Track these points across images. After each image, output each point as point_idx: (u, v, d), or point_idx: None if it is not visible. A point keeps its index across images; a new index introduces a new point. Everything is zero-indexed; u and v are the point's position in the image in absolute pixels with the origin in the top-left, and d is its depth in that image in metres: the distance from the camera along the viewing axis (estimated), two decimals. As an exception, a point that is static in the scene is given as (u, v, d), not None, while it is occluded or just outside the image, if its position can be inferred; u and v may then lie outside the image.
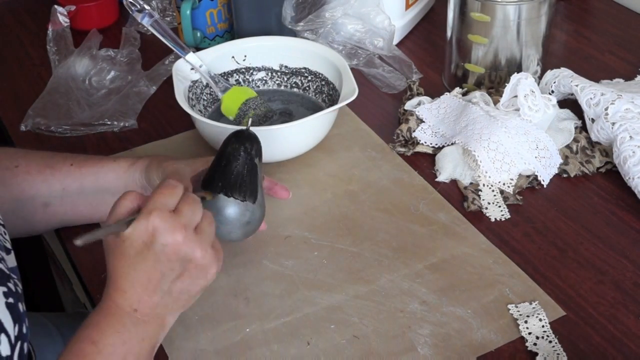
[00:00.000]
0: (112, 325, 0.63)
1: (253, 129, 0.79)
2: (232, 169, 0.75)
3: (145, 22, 0.98)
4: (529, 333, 0.77)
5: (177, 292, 0.65)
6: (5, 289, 0.61)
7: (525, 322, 0.78)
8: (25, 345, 0.64)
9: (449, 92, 1.07)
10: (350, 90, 0.95)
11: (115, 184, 0.84)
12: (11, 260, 0.69)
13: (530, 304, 0.80)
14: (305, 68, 1.07)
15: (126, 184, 0.83)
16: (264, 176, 0.84)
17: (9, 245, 0.70)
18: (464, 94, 1.07)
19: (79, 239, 0.62)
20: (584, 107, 0.99)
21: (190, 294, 0.67)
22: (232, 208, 0.75)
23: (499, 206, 0.92)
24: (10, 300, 0.61)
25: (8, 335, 0.60)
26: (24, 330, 0.65)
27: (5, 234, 0.71)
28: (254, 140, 0.78)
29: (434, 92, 1.09)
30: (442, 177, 0.96)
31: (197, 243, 0.64)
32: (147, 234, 0.63)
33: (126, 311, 0.64)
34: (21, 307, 0.65)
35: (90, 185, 0.84)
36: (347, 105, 0.98)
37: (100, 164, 0.84)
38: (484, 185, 0.94)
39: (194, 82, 1.03)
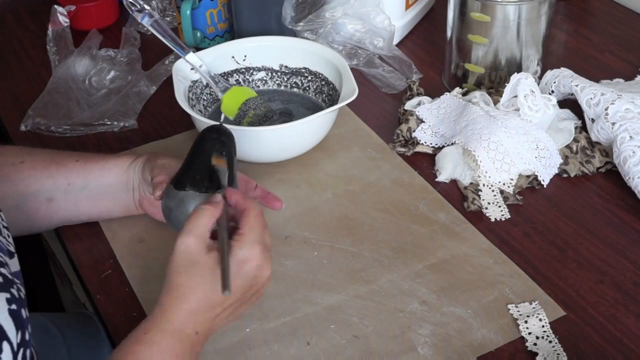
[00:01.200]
0: (173, 347, 0.65)
1: (232, 127, 0.82)
2: (194, 162, 0.78)
3: (145, 22, 0.98)
4: (529, 333, 0.77)
5: (234, 316, 0.70)
6: (8, 295, 0.61)
7: (525, 322, 0.78)
8: (28, 351, 0.64)
9: (449, 92, 1.07)
10: (350, 90, 0.95)
11: (118, 180, 0.86)
12: (14, 265, 0.69)
13: (530, 304, 0.80)
14: (305, 68, 1.07)
15: (127, 181, 0.86)
16: (239, 175, 0.84)
17: (12, 249, 0.70)
18: (464, 94, 1.07)
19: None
20: (584, 107, 0.99)
21: (242, 315, 0.71)
22: (194, 201, 0.76)
23: (499, 206, 0.92)
24: (14, 306, 0.61)
25: (10, 343, 0.60)
26: (27, 336, 0.65)
27: (9, 236, 0.71)
28: (222, 134, 0.80)
29: (434, 92, 1.09)
30: (442, 177, 0.96)
31: (270, 269, 0.69)
32: (257, 257, 0.68)
33: (190, 333, 0.65)
34: (24, 313, 0.65)
35: (94, 182, 0.85)
36: (347, 105, 0.98)
37: (105, 160, 0.86)
38: (484, 185, 0.94)
39: (194, 82, 1.03)
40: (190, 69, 1.01)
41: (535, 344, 0.76)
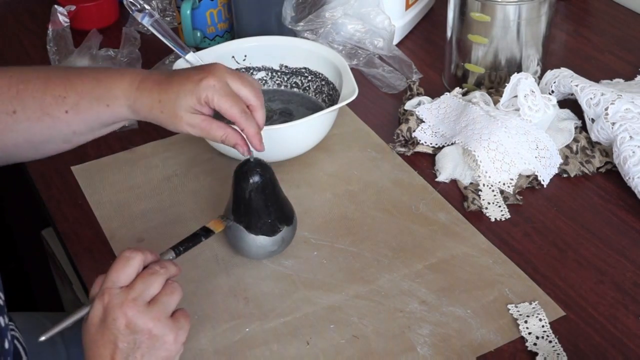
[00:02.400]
0: None
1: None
2: (245, 207, 0.81)
3: (146, 22, 0.98)
4: (529, 333, 0.77)
5: None
6: None
7: (525, 322, 0.78)
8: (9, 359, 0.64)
9: (449, 92, 1.07)
10: (350, 90, 0.95)
11: (129, 115, 0.79)
12: None
13: (530, 304, 0.80)
14: (305, 68, 1.07)
15: (139, 116, 0.79)
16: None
17: None
18: (464, 94, 1.07)
19: (44, 335, 0.66)
20: (584, 107, 0.99)
21: (161, 359, 0.67)
22: (260, 239, 0.82)
23: (499, 206, 0.92)
24: None
25: None
26: (6, 345, 0.65)
27: None
28: (261, 169, 0.81)
29: (434, 92, 1.09)
30: (442, 177, 0.96)
31: (147, 314, 0.65)
32: (100, 312, 0.66)
33: None
34: (2, 321, 0.65)
35: (98, 124, 0.80)
36: (347, 105, 0.98)
37: (96, 107, 0.78)
38: (484, 185, 0.94)
39: (194, 82, 1.03)
40: (190, 69, 1.01)
41: (535, 344, 0.76)
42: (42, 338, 0.66)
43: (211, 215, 0.92)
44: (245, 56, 1.08)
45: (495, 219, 0.91)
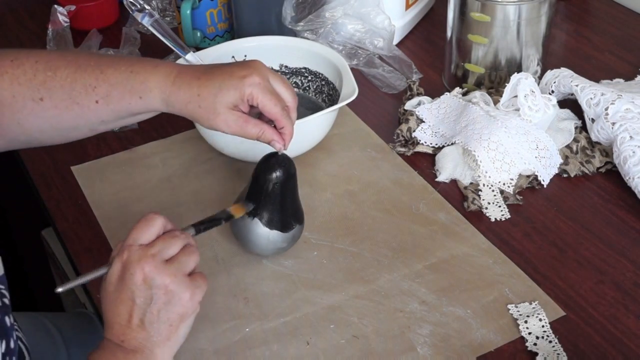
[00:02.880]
0: (107, 358, 0.66)
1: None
2: (266, 199, 0.81)
3: (145, 22, 0.98)
4: (529, 333, 0.77)
5: (155, 321, 0.66)
6: None
7: (525, 322, 0.78)
8: (14, 359, 0.64)
9: (449, 92, 1.07)
10: (350, 90, 0.95)
11: (159, 109, 0.78)
12: None
13: (530, 304, 0.80)
14: (305, 68, 1.07)
15: (173, 109, 0.78)
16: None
17: None
18: (464, 94, 1.07)
19: (60, 287, 0.67)
20: (584, 107, 0.99)
21: (170, 323, 0.67)
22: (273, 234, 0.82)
23: (499, 206, 0.92)
24: None
25: None
26: (12, 344, 0.65)
27: None
28: (288, 164, 0.81)
29: (434, 92, 1.09)
30: (442, 177, 0.96)
31: (164, 270, 0.66)
32: (119, 269, 0.67)
33: (116, 343, 0.66)
34: (8, 320, 0.65)
35: (127, 114, 0.79)
36: (347, 105, 0.98)
37: (128, 98, 0.76)
38: (484, 185, 0.94)
39: (194, 82, 1.03)
40: (190, 68, 1.01)
41: (535, 344, 0.76)
42: (59, 289, 0.67)
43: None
44: (245, 56, 1.08)
45: (495, 219, 0.91)
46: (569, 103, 1.04)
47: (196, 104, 0.75)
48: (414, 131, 1.02)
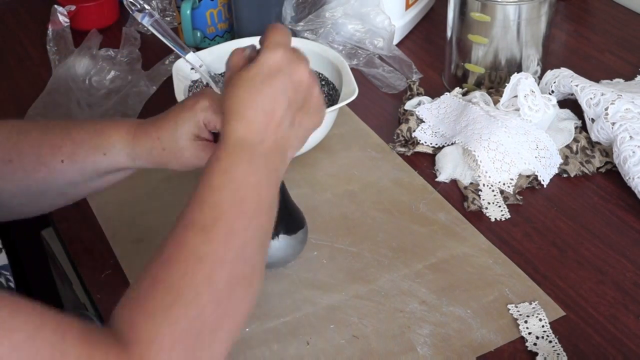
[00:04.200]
0: (242, 157, 0.63)
1: None
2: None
3: (145, 22, 0.98)
4: (529, 333, 0.77)
5: (298, 124, 0.65)
6: None
7: (525, 322, 0.78)
8: None
9: (449, 92, 1.07)
10: (350, 90, 0.95)
11: (126, 165, 0.77)
12: (2, 259, 0.69)
13: (530, 304, 0.80)
14: (305, 68, 1.07)
15: (139, 161, 0.77)
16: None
17: None
18: (464, 94, 1.07)
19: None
20: (584, 107, 0.99)
21: (307, 129, 0.67)
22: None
23: (499, 206, 0.92)
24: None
25: None
26: None
27: None
28: None
29: (434, 92, 1.09)
30: (442, 177, 0.96)
31: (315, 80, 0.66)
32: (275, 63, 0.64)
33: (254, 142, 0.63)
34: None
35: (95, 174, 0.78)
36: (347, 105, 0.98)
37: (92, 156, 0.76)
38: (484, 185, 0.94)
39: (194, 82, 1.03)
40: (190, 68, 1.01)
41: (535, 344, 0.76)
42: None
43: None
44: (245, 56, 1.07)
45: (495, 219, 0.91)
46: (569, 103, 1.04)
47: (159, 148, 0.74)
48: (414, 131, 1.02)
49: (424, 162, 1.00)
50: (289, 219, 0.82)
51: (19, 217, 0.83)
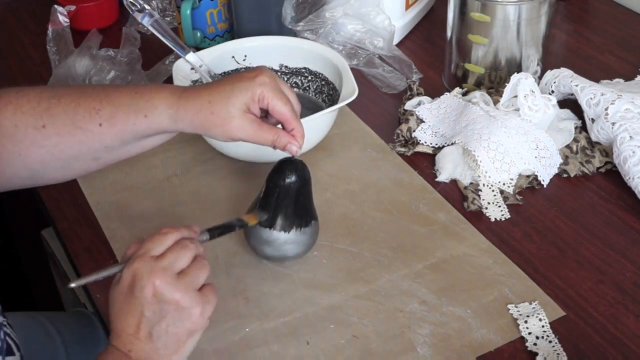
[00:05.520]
0: None
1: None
2: (274, 204, 0.80)
3: (146, 22, 0.98)
4: (529, 333, 0.77)
5: (164, 335, 0.66)
6: None
7: (525, 322, 0.78)
8: None
9: (449, 92, 1.07)
10: (350, 90, 0.95)
11: (166, 127, 0.77)
12: None
13: (530, 304, 0.80)
14: (305, 68, 1.07)
15: (181, 124, 0.76)
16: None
17: None
18: (464, 94, 1.07)
19: (74, 282, 0.67)
20: (584, 107, 0.99)
21: (178, 338, 0.67)
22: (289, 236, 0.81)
23: (499, 206, 0.92)
24: None
25: None
26: None
27: None
28: (294, 169, 0.79)
29: (434, 92, 1.09)
30: (442, 177, 0.96)
31: (175, 285, 0.66)
32: (130, 279, 0.66)
33: (123, 352, 0.66)
34: None
35: (132, 137, 0.77)
36: (347, 105, 0.98)
37: (133, 118, 0.76)
38: (484, 185, 0.94)
39: (194, 82, 1.03)
40: (190, 68, 1.01)
41: (535, 344, 0.76)
42: (72, 285, 0.67)
43: (211, 215, 0.92)
44: (245, 56, 1.08)
45: (495, 219, 0.91)
46: (569, 103, 1.04)
47: (208, 110, 0.74)
48: (414, 131, 1.02)
49: (424, 162, 1.00)
50: (303, 213, 0.82)
51: (49, 182, 0.83)
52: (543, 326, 0.77)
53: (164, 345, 0.66)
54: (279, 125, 0.79)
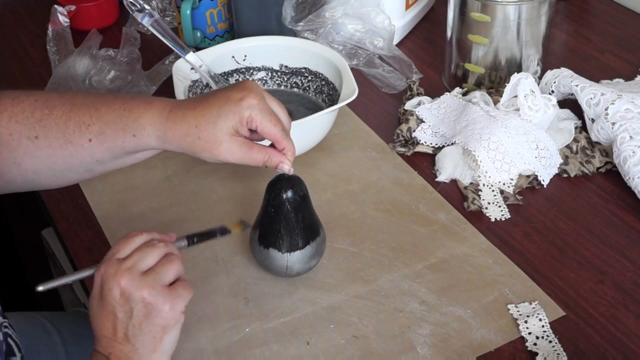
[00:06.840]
0: None
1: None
2: (275, 227, 0.79)
3: (145, 22, 0.98)
4: (529, 333, 0.77)
5: (139, 333, 0.66)
6: None
7: (525, 322, 0.78)
8: None
9: (449, 92, 1.07)
10: (350, 90, 0.95)
11: (155, 146, 0.77)
12: None
13: (530, 304, 0.80)
14: (305, 68, 1.07)
15: (169, 145, 0.76)
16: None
17: None
18: (464, 94, 1.07)
19: (42, 285, 0.68)
20: (584, 107, 0.99)
21: (153, 335, 0.67)
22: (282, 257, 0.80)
23: (499, 206, 0.92)
24: None
25: None
26: None
27: None
28: (291, 186, 0.79)
29: (434, 92, 1.09)
30: (442, 177, 0.96)
31: (141, 283, 0.66)
32: (99, 283, 0.67)
33: (105, 355, 0.66)
34: None
35: (122, 153, 0.77)
36: (347, 105, 0.98)
37: (122, 137, 0.75)
38: (484, 185, 0.94)
39: (194, 82, 1.03)
40: (190, 68, 1.01)
41: (535, 344, 0.76)
42: (40, 288, 0.68)
43: (211, 216, 0.92)
44: (245, 56, 1.08)
45: (495, 219, 0.91)
46: (569, 103, 1.04)
47: (195, 135, 0.73)
48: (414, 131, 1.02)
49: (424, 162, 1.00)
50: (307, 230, 0.80)
51: (44, 188, 0.84)
52: (543, 326, 0.77)
53: (142, 344, 0.66)
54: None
